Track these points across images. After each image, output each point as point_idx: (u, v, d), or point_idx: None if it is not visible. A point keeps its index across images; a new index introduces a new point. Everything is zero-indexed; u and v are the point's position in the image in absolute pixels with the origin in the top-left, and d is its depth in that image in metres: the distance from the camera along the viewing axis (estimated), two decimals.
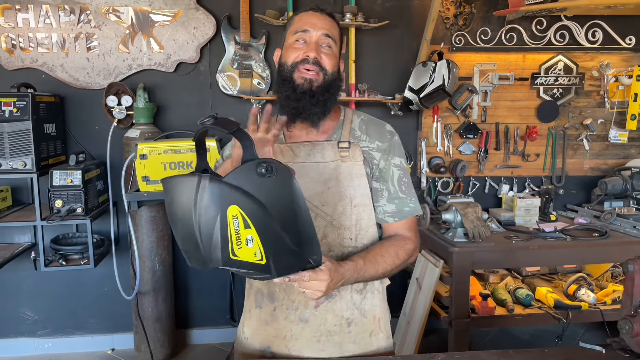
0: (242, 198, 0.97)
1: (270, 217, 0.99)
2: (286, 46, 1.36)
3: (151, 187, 2.60)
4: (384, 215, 1.39)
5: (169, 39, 2.96)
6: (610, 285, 3.00)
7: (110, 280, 3.01)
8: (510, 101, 3.30)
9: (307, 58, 1.30)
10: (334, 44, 1.34)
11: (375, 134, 1.41)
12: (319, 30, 1.31)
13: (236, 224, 0.98)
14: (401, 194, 1.39)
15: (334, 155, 1.35)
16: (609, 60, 3.29)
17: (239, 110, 3.07)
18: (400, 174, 1.40)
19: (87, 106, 2.98)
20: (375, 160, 1.39)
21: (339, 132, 1.40)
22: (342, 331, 1.35)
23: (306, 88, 1.30)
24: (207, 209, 0.97)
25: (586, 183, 3.44)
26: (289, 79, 1.32)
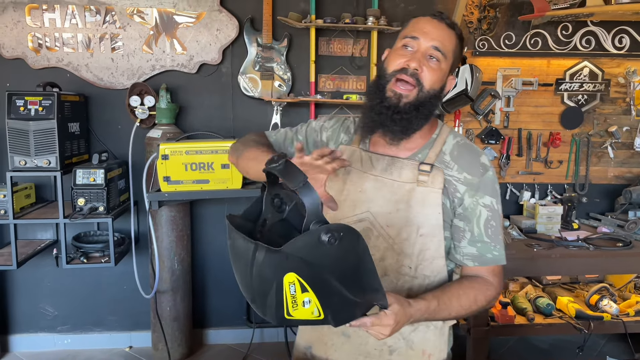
0: (300, 266, 0.91)
1: (332, 279, 0.93)
2: (393, 51, 1.26)
3: (172, 188, 2.62)
4: (463, 257, 1.27)
5: (192, 41, 2.98)
6: (634, 296, 2.94)
7: (129, 279, 3.03)
8: (534, 107, 3.25)
9: (407, 67, 1.20)
10: (444, 59, 1.22)
11: (466, 165, 1.26)
12: (429, 40, 1.20)
13: (292, 289, 0.93)
14: (486, 237, 1.25)
15: (411, 177, 1.24)
16: (635, 66, 3.23)
17: (260, 112, 3.08)
18: (489, 216, 1.25)
19: (110, 106, 3.01)
20: (459, 193, 1.25)
21: (425, 152, 1.28)
22: (382, 357, 1.29)
23: (392, 103, 1.21)
24: (261, 274, 0.93)
25: (610, 191, 3.38)
26: (380, 88, 1.23)
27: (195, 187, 2.63)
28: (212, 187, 2.64)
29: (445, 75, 1.24)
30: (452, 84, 1.28)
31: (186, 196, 2.69)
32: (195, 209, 3.13)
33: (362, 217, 1.27)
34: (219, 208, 3.14)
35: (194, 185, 2.63)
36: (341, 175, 1.32)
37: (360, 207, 1.27)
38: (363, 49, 3.08)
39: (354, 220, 1.27)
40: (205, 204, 3.14)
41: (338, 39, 3.06)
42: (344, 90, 3.11)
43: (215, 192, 2.66)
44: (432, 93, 1.22)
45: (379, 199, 1.25)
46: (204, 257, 3.21)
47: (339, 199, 1.29)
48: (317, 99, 2.99)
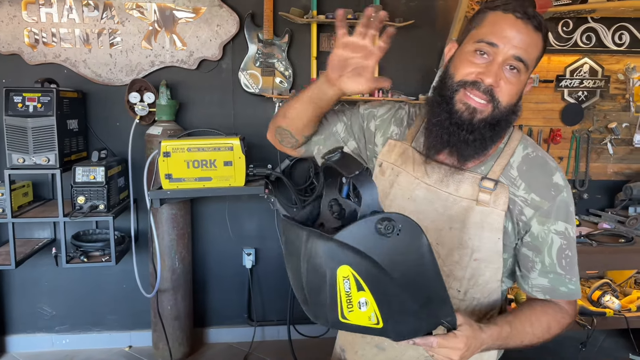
0: (355, 258, 0.83)
1: (390, 279, 0.85)
2: (461, 53, 1.06)
3: (174, 185, 2.59)
4: (532, 288, 1.13)
5: (191, 36, 2.94)
6: (635, 291, 2.96)
7: (129, 278, 3.00)
8: (535, 103, 3.26)
9: (479, 81, 1.02)
10: (525, 69, 1.03)
11: (536, 184, 1.09)
12: (511, 49, 1.00)
13: (347, 285, 0.84)
14: (559, 269, 1.10)
15: (470, 193, 1.09)
16: (635, 63, 3.24)
17: (261, 108, 3.05)
18: (563, 245, 1.09)
19: (108, 102, 2.96)
20: (524, 217, 1.09)
21: (489, 164, 1.11)
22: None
23: (465, 118, 1.03)
24: (314, 266, 0.85)
25: (609, 187, 3.40)
26: (447, 98, 1.05)
27: (198, 184, 2.60)
28: (215, 185, 2.61)
29: (524, 85, 1.07)
30: (530, 86, 1.11)
31: (188, 194, 2.66)
32: (195, 207, 3.10)
33: None
34: (220, 206, 3.10)
35: (196, 182, 2.60)
36: (388, 174, 1.17)
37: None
38: None
39: None
40: (206, 202, 3.11)
41: None
42: None
43: (218, 190, 2.63)
44: (509, 109, 1.04)
45: (431, 212, 1.10)
46: (205, 255, 3.17)
47: (384, 202, 1.16)
48: None
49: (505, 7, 1.02)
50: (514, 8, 1.02)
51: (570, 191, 1.11)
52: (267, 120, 2.98)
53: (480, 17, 1.07)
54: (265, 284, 3.25)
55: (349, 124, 1.27)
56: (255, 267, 3.21)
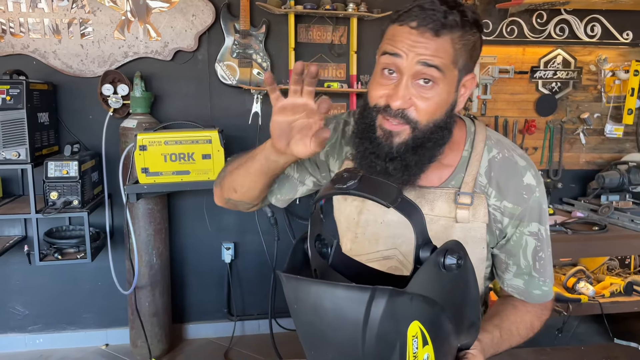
0: (424, 309, 0.72)
1: (447, 319, 0.76)
2: (374, 71, 0.98)
3: (151, 179, 2.53)
4: (509, 288, 1.12)
5: (166, 27, 2.87)
6: (608, 278, 3.04)
7: (104, 275, 2.92)
8: (510, 94, 3.30)
9: (389, 106, 0.92)
10: (441, 76, 0.91)
11: (507, 190, 1.03)
12: (414, 57, 0.90)
13: (415, 344, 0.72)
14: (534, 272, 1.07)
15: (447, 210, 1.01)
16: (606, 54, 3.31)
17: (239, 100, 3.00)
18: (537, 246, 1.06)
19: (80, 95, 2.87)
20: (501, 225, 1.04)
21: (459, 176, 1.03)
22: None
23: (384, 146, 0.95)
24: (382, 334, 0.69)
25: (582, 176, 3.47)
26: (370, 124, 0.97)
27: (175, 178, 2.55)
28: (193, 179, 2.56)
29: (449, 93, 0.94)
30: (472, 85, 0.98)
31: (166, 188, 2.61)
32: (173, 201, 3.04)
33: (388, 255, 1.06)
34: (198, 200, 3.05)
35: (174, 176, 2.55)
36: (351, 199, 1.09)
37: (384, 242, 1.06)
38: (343, 36, 3.04)
39: (379, 257, 1.07)
40: (183, 196, 3.05)
41: (317, 26, 3.01)
42: (324, 78, 3.06)
43: (197, 184, 2.58)
44: (433, 125, 0.94)
45: (408, 234, 0.94)
46: (183, 250, 3.12)
47: (357, 231, 1.09)
48: None
49: (401, 20, 0.93)
50: (410, 17, 0.92)
51: (543, 188, 1.06)
52: (245, 112, 2.98)
53: (384, 33, 0.99)
54: (245, 278, 3.22)
55: (299, 161, 1.15)
56: (234, 261, 3.17)
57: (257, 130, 2.99)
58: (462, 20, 0.91)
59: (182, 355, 3.02)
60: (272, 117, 0.93)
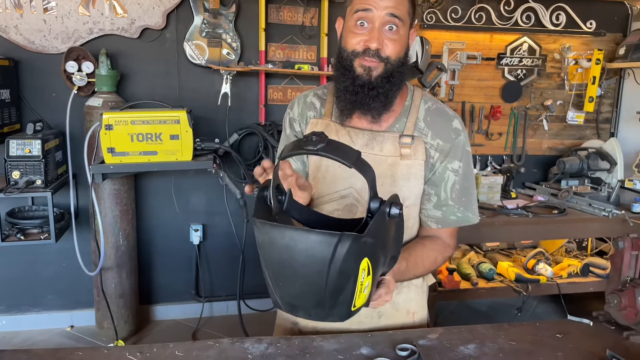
0: (371, 248, 0.89)
1: (382, 255, 0.93)
2: (346, 28, 1.20)
3: (117, 159, 2.49)
4: (428, 219, 1.30)
5: (133, 3, 2.81)
6: (565, 259, 3.16)
7: (69, 256, 2.88)
8: (477, 80, 3.36)
9: (368, 48, 1.15)
10: (402, 23, 1.16)
11: (439, 130, 1.26)
12: (383, 10, 1.14)
13: (363, 275, 0.89)
14: (450, 201, 1.27)
15: (393, 150, 1.23)
16: (570, 43, 3.40)
17: (208, 80, 2.97)
18: (456, 180, 1.27)
19: (43, 71, 2.79)
20: (433, 159, 1.26)
21: (402, 122, 1.26)
22: (372, 322, 1.31)
23: (365, 79, 1.17)
24: (343, 268, 0.86)
25: (544, 162, 3.58)
26: (348, 68, 1.19)
27: (142, 158, 2.52)
28: (161, 159, 2.54)
29: (407, 38, 1.21)
30: (414, 37, 1.25)
31: (133, 168, 2.58)
32: (140, 182, 3.01)
33: (344, 194, 1.25)
34: (165, 181, 3.03)
35: (141, 157, 2.52)
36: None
37: (341, 183, 1.25)
38: (313, 17, 3.03)
39: (337, 196, 1.26)
40: (151, 177, 3.02)
41: (288, 7, 2.99)
42: (295, 60, 3.06)
43: (164, 164, 2.56)
44: (399, 61, 1.19)
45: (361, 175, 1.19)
46: (151, 232, 3.10)
47: (317, 175, 1.28)
48: (268, 68, 2.92)
49: None
50: None
51: (466, 134, 1.29)
52: (214, 93, 2.95)
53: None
54: (213, 259, 3.22)
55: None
56: (202, 243, 3.17)
57: (227, 111, 2.96)
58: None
59: (149, 336, 3.02)
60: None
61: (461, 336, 1.24)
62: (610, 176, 3.23)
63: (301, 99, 1.36)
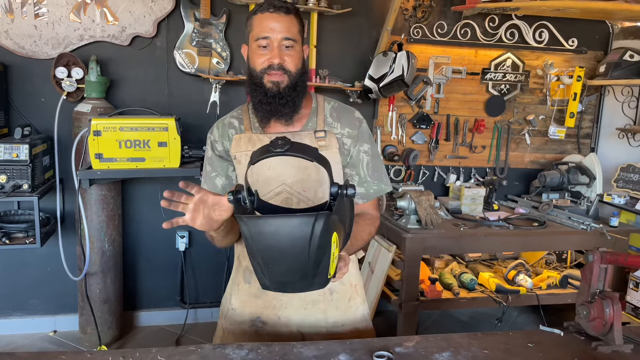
0: (338, 224, 1.08)
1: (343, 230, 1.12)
2: (251, 51, 1.40)
3: (104, 165, 2.52)
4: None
5: (124, 11, 2.84)
6: (545, 271, 3.22)
7: (54, 261, 2.88)
8: (462, 94, 3.43)
9: (272, 64, 1.35)
10: (295, 42, 1.38)
11: (346, 121, 1.49)
12: (278, 34, 1.34)
13: (334, 247, 1.06)
14: (369, 177, 1.51)
15: (311, 144, 1.39)
16: (552, 60, 3.48)
17: (197, 89, 3.01)
18: (368, 160, 1.51)
19: (33, 77, 2.81)
20: (346, 146, 1.48)
21: (313, 121, 1.47)
22: (326, 299, 1.48)
23: (275, 91, 1.37)
24: (321, 243, 1.02)
25: (526, 175, 3.66)
26: (259, 84, 1.39)
27: (130, 165, 2.54)
28: (148, 166, 2.56)
29: (302, 52, 1.41)
30: (307, 52, 1.45)
31: (120, 174, 2.60)
32: (127, 188, 3.02)
33: (278, 191, 1.42)
34: (152, 187, 3.05)
35: (129, 163, 2.54)
36: (244, 161, 1.43)
37: (274, 182, 1.42)
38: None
39: (272, 195, 1.42)
40: (138, 183, 3.04)
41: None
42: None
43: (152, 171, 2.58)
44: (299, 71, 1.40)
45: (290, 170, 1.41)
46: (137, 237, 3.11)
47: (251, 180, 1.40)
48: None
49: (261, 10, 1.37)
50: (266, 7, 1.36)
51: (366, 122, 1.53)
52: (204, 100, 2.98)
53: (250, 23, 1.40)
54: (198, 266, 3.24)
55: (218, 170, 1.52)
56: (188, 249, 3.18)
57: (215, 119, 2.97)
58: (294, 7, 1.41)
59: (132, 342, 3.02)
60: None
61: (437, 344, 1.28)
62: (589, 190, 3.31)
63: (219, 123, 1.53)
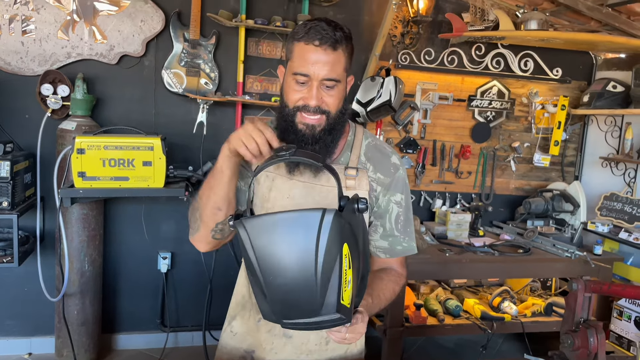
0: (350, 236, 0.93)
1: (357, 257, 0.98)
2: (287, 81, 1.24)
3: (87, 184, 2.47)
4: (376, 249, 1.37)
5: (113, 30, 2.83)
6: (530, 298, 3.21)
7: (32, 280, 2.81)
8: (448, 120, 3.46)
9: (308, 105, 1.20)
10: (339, 83, 1.22)
11: (380, 165, 1.34)
12: (320, 73, 1.18)
13: (346, 263, 0.91)
14: (396, 232, 1.35)
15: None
16: (537, 88, 3.54)
17: (185, 109, 3.00)
18: (399, 212, 1.35)
19: (17, 93, 2.78)
20: (375, 192, 1.33)
21: (347, 155, 1.33)
22: (321, 349, 1.36)
23: (308, 135, 1.22)
24: (329, 247, 0.89)
25: (511, 201, 3.68)
26: (290, 122, 1.23)
27: (114, 184, 2.50)
28: (132, 185, 2.53)
29: (345, 90, 1.26)
30: (351, 83, 1.30)
31: (103, 193, 2.56)
32: (109, 207, 2.98)
33: None
34: (135, 207, 3.00)
35: (112, 182, 2.50)
36: (263, 181, 1.30)
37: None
38: None
39: None
40: (121, 203, 2.99)
41: (267, 41, 3.06)
42: (272, 93, 3.11)
43: (136, 190, 2.55)
44: (339, 112, 1.24)
45: (310, 204, 1.25)
46: (118, 258, 3.05)
47: (266, 206, 1.30)
48: (245, 99, 2.96)
49: (306, 39, 1.18)
50: (312, 37, 1.17)
51: (404, 168, 1.37)
52: (190, 121, 2.97)
53: (290, 49, 1.23)
54: (180, 288, 3.18)
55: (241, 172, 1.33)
56: (170, 271, 3.13)
57: (202, 139, 2.98)
58: (345, 35, 1.21)
59: None
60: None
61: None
62: (573, 218, 3.33)
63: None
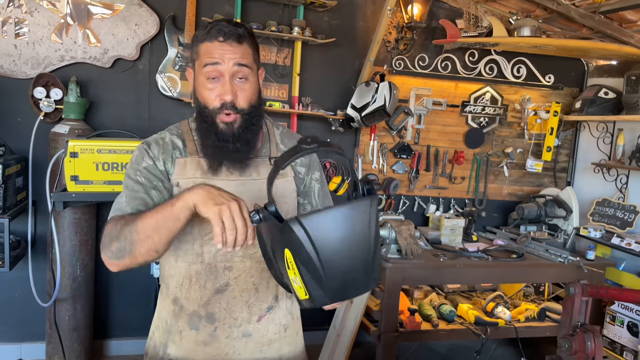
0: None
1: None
2: (199, 82, 1.25)
3: (80, 188, 2.45)
4: None
5: (107, 33, 2.82)
6: (523, 304, 3.22)
7: (23, 285, 2.78)
8: (442, 126, 3.47)
9: (225, 102, 1.21)
10: (250, 71, 1.23)
11: None
12: (230, 61, 1.20)
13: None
14: (320, 206, 1.45)
15: (267, 172, 1.20)
16: (530, 95, 3.57)
17: (178, 113, 2.98)
18: (319, 187, 1.45)
19: (9, 96, 2.76)
20: (301, 175, 1.41)
21: (267, 147, 1.37)
22: (281, 337, 1.39)
23: (228, 133, 1.24)
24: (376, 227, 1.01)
25: (504, 207, 3.69)
26: (211, 123, 1.24)
27: (107, 187, 2.48)
28: None
29: (257, 82, 1.28)
30: (262, 75, 1.33)
31: (96, 197, 2.53)
32: (102, 211, 2.95)
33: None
34: None
35: (105, 186, 2.48)
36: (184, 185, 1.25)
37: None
38: (287, 57, 3.11)
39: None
40: None
41: (262, 46, 3.06)
42: (267, 98, 3.11)
43: None
44: (253, 107, 1.26)
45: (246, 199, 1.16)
46: None
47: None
48: None
49: (209, 38, 1.21)
50: (216, 35, 1.20)
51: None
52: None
53: (196, 51, 1.25)
54: None
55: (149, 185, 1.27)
56: None
57: None
58: (247, 31, 1.25)
59: None
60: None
61: None
62: (566, 223, 3.35)
63: (159, 140, 1.31)
